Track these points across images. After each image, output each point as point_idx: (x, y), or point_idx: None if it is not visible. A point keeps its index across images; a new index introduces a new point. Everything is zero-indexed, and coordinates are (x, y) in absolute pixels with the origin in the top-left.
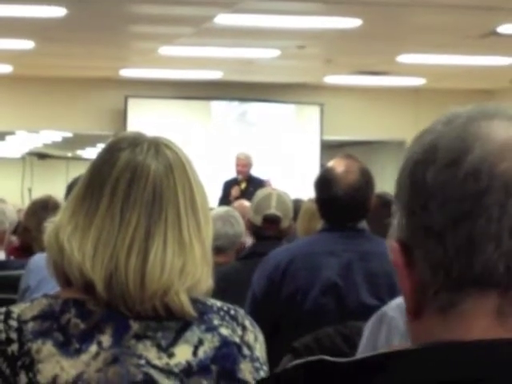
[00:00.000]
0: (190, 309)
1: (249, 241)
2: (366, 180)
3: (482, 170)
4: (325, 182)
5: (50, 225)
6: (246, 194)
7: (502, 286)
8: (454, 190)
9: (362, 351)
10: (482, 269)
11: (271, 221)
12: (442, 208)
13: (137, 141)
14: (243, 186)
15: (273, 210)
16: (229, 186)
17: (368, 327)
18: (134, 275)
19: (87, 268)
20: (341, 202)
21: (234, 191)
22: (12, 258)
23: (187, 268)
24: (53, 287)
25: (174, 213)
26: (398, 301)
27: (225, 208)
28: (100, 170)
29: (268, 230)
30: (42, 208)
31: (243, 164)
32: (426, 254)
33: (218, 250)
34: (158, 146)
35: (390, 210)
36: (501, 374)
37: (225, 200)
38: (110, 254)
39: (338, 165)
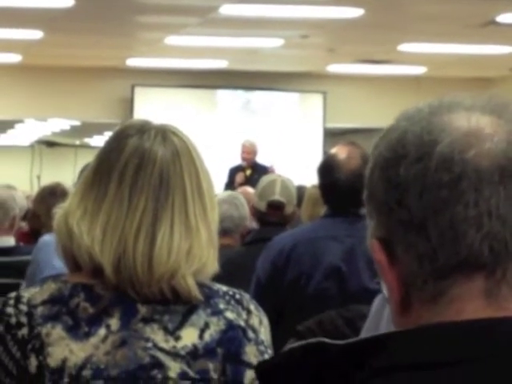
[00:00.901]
0: (196, 293)
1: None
2: None
3: (453, 158)
4: (327, 168)
5: (60, 210)
6: (251, 181)
7: (487, 268)
8: (428, 181)
9: (365, 334)
10: (467, 254)
11: (275, 207)
12: (420, 200)
13: (144, 128)
14: (248, 172)
15: (277, 196)
16: (234, 172)
17: (372, 311)
18: (142, 258)
19: (96, 252)
20: (343, 187)
21: (239, 177)
22: (21, 244)
23: (194, 251)
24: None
25: (180, 198)
26: None
27: (229, 192)
28: (108, 156)
29: (272, 215)
30: (51, 194)
31: (248, 151)
32: (408, 247)
33: (223, 232)
34: (165, 133)
35: None
36: (497, 352)
37: (230, 186)
38: (118, 237)
39: (340, 151)
